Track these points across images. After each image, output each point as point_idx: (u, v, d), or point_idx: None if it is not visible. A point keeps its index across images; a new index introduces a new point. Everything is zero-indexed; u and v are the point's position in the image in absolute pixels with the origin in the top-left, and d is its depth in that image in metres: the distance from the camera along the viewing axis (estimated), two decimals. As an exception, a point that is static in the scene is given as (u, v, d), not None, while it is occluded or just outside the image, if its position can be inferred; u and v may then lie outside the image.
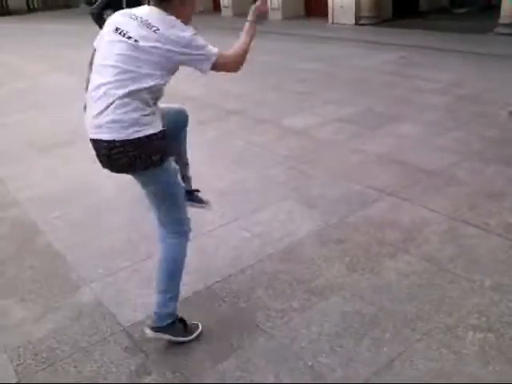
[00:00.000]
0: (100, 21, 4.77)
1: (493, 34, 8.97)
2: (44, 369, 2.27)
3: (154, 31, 1.98)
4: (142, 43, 1.97)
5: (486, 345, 2.18)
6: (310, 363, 2.16)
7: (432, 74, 6.75)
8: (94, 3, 5.09)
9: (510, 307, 2.39)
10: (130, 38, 1.99)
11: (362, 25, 11.12)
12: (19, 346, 2.41)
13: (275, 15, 12.97)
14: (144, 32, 1.99)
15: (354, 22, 11.31)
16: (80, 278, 2.89)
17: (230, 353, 2.26)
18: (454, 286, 2.57)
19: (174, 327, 2.30)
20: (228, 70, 2.18)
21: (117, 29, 2.03)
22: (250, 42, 2.25)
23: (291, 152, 4.46)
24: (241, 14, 13.91)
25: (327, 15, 11.90)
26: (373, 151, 4.31)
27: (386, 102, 5.66)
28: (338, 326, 2.36)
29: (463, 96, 5.68)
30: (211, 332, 2.39)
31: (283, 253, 2.97)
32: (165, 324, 2.27)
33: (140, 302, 2.63)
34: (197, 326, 2.39)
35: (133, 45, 1.98)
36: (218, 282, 2.76)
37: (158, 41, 1.97)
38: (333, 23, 11.77)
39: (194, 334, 2.35)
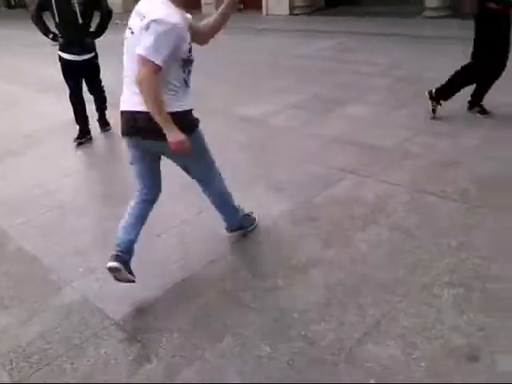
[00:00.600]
0: (39, 23, 4.68)
1: (421, 17, 9.42)
2: (39, 369, 2.26)
3: (141, 19, 2.13)
4: (135, 32, 2.23)
5: (460, 298, 2.38)
6: (302, 332, 2.28)
7: (370, 58, 7.03)
8: (14, 6, 5.03)
9: (476, 263, 2.61)
10: (132, 32, 2.28)
11: (297, 15, 11.35)
12: (9, 351, 2.38)
13: (209, 9, 12.97)
14: (136, 21, 2.23)
15: (288, 12, 11.52)
16: (61, 279, 2.86)
17: (225, 332, 2.33)
18: (423, 250, 2.76)
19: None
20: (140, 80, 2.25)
21: (129, 28, 2.33)
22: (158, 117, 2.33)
23: (250, 139, 4.56)
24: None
25: (261, 7, 12.05)
26: (328, 134, 4.48)
27: (331, 87, 5.86)
28: (324, 296, 2.49)
29: (402, 77, 5.98)
30: (204, 315, 2.45)
31: (259, 235, 3.07)
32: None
33: (126, 294, 2.65)
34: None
35: (132, 37, 2.25)
36: (203, 267, 2.82)
37: (142, 28, 2.15)
38: (267, 14, 11.93)
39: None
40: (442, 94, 4.54)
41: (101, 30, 4.79)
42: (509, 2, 4.06)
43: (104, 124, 5.18)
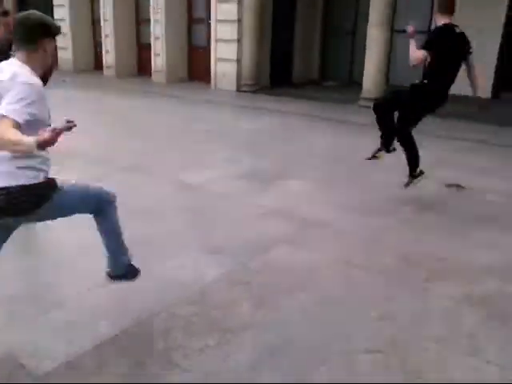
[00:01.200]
0: None
1: (357, 105, 10.20)
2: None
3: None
4: None
5: (379, 364, 2.57)
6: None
7: (309, 138, 7.52)
8: None
9: (393, 332, 2.83)
10: None
11: (244, 91, 11.95)
12: None
13: (160, 78, 13.43)
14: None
15: (235, 88, 12.13)
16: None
17: (153, 390, 2.39)
18: (346, 318, 2.96)
19: None
20: None
21: None
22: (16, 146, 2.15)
23: (191, 204, 4.72)
24: (125, 74, 14.21)
25: (210, 81, 12.61)
26: (266, 205, 4.74)
27: (274, 161, 6.21)
28: (252, 358, 2.61)
29: (339, 158, 6.44)
30: (133, 374, 2.50)
31: (195, 297, 3.18)
32: None
33: (52, 349, 2.65)
34: None
35: None
36: (133, 326, 2.88)
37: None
38: (215, 88, 12.49)
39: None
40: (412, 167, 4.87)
41: None
42: None
43: None
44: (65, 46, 14.99)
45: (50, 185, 2.47)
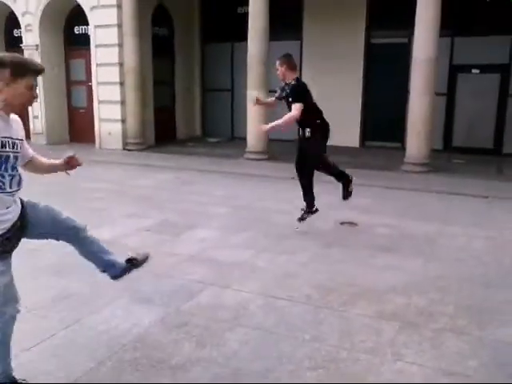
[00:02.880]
0: None
1: (243, 158, 10.80)
2: None
3: None
4: None
5: (324, 378, 2.86)
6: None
7: (206, 190, 7.85)
8: None
9: (328, 350, 3.15)
10: None
11: (130, 150, 12.04)
12: None
13: (39, 140, 13.01)
14: None
15: (121, 147, 12.18)
16: None
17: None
18: (284, 344, 3.23)
19: None
20: None
21: None
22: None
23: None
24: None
25: (94, 141, 12.52)
26: (182, 253, 4.90)
27: (177, 213, 6.40)
28: (207, 389, 2.76)
29: (239, 206, 6.81)
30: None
31: (135, 342, 3.23)
32: None
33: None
34: None
35: None
36: (80, 376, 2.87)
37: None
38: (100, 148, 12.41)
39: None
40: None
41: None
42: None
43: None
44: None
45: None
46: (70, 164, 2.86)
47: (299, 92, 5.28)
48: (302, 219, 5.60)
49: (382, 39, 12.05)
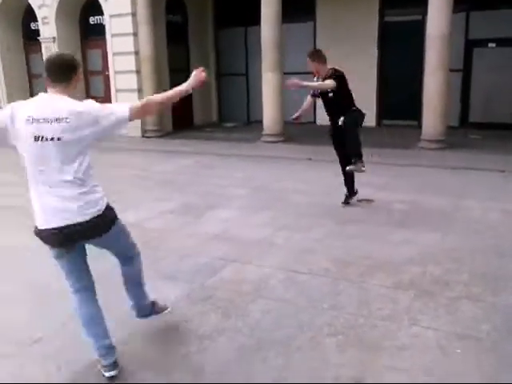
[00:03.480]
0: None
1: (260, 141, 10.93)
2: None
3: (65, 121, 2.46)
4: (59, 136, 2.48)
5: (343, 344, 3.02)
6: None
7: (226, 173, 8.02)
8: None
9: (346, 318, 3.31)
10: (52, 139, 2.46)
11: (149, 137, 12.25)
12: None
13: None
14: (53, 127, 2.46)
15: (140, 134, 12.39)
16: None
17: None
18: (304, 313, 3.40)
19: None
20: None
21: (34, 137, 2.45)
22: (170, 100, 2.79)
23: (136, 239, 4.92)
24: None
25: (113, 129, 12.78)
26: (205, 232, 5.09)
27: (199, 196, 6.58)
28: (231, 358, 2.94)
29: (257, 187, 6.97)
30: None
31: (164, 315, 3.42)
32: None
33: None
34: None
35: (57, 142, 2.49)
36: (116, 344, 3.07)
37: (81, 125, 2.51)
38: (119, 136, 12.64)
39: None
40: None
41: None
42: None
43: None
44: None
45: (113, 210, 2.79)
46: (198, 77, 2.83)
47: (337, 74, 5.34)
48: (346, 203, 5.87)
49: (395, 17, 11.97)
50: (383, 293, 3.67)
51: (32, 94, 14.51)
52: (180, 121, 13.39)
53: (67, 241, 2.60)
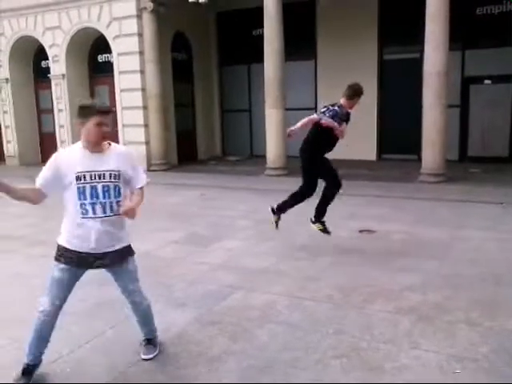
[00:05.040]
0: None
1: (264, 175, 11.19)
2: None
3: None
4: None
5: (347, 365, 3.17)
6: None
7: (231, 205, 8.23)
8: None
9: (350, 341, 3.46)
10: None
11: (154, 170, 12.53)
12: None
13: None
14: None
15: (146, 168, 12.67)
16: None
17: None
18: (310, 336, 3.54)
19: None
20: None
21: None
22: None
23: (144, 268, 5.09)
24: (28, 163, 14.15)
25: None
26: (212, 262, 5.26)
27: (205, 227, 6.78)
28: (242, 378, 3.08)
29: (261, 219, 7.15)
30: None
31: (174, 339, 3.58)
32: None
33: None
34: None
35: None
36: (129, 367, 3.22)
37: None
38: (126, 170, 12.92)
39: None
40: (281, 209, 5.85)
41: None
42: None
43: None
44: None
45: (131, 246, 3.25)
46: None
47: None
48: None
49: (394, 55, 12.43)
50: (385, 317, 3.82)
51: (40, 126, 14.94)
52: (185, 154, 13.74)
53: None
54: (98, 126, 2.85)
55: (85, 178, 2.90)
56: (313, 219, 5.75)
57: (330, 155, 5.65)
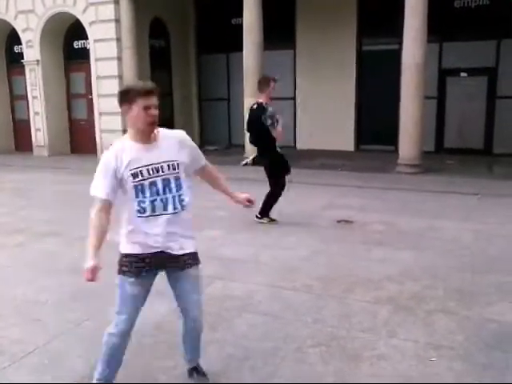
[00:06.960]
0: None
1: (240, 165, 11.16)
2: None
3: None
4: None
5: (325, 354, 3.19)
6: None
7: (207, 195, 8.15)
8: None
9: (329, 330, 3.48)
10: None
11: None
12: None
13: (42, 152, 13.40)
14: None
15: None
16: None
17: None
18: (289, 326, 3.56)
19: None
20: None
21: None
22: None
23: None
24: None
25: (94, 152, 12.82)
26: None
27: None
28: (221, 366, 3.08)
29: (238, 208, 7.11)
30: None
31: (153, 330, 3.56)
32: None
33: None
34: None
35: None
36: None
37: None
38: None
39: None
40: (264, 212, 6.16)
41: None
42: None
43: None
44: None
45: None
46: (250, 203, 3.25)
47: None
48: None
49: (372, 46, 12.46)
50: (363, 307, 3.85)
51: (14, 114, 14.59)
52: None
53: None
54: (145, 109, 2.48)
55: (142, 173, 2.52)
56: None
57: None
